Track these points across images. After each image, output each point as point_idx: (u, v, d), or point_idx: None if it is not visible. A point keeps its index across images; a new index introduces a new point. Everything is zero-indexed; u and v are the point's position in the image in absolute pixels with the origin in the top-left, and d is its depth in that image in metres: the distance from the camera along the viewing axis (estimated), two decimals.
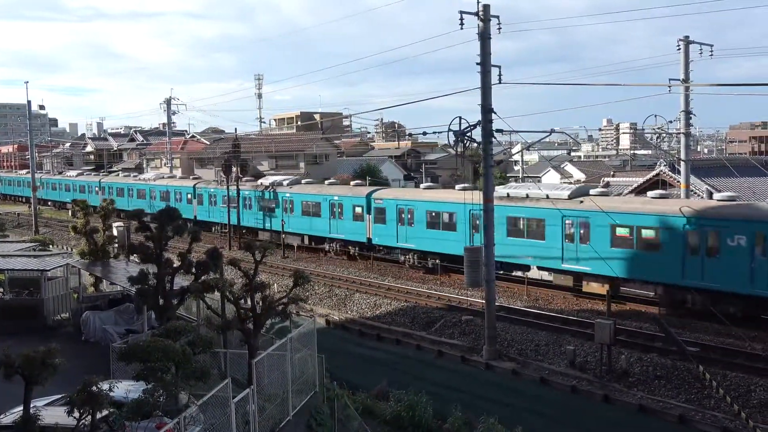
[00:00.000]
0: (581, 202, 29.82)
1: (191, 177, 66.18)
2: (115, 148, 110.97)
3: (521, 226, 31.90)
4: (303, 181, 49.91)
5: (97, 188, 74.57)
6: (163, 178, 66.87)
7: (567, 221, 29.87)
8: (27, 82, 68.52)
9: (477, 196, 26.27)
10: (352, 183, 47.66)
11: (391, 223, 39.03)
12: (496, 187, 29.70)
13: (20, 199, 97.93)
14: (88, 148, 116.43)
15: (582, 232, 29.32)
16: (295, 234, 46.92)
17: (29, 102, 65.76)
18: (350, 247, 42.93)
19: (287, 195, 47.50)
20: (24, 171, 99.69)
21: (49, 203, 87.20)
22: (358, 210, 41.50)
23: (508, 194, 32.99)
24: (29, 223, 64.19)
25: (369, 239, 40.96)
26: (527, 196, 32.27)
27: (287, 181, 49.41)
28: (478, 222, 29.01)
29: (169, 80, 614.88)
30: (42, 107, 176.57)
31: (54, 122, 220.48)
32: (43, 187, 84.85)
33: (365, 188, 44.09)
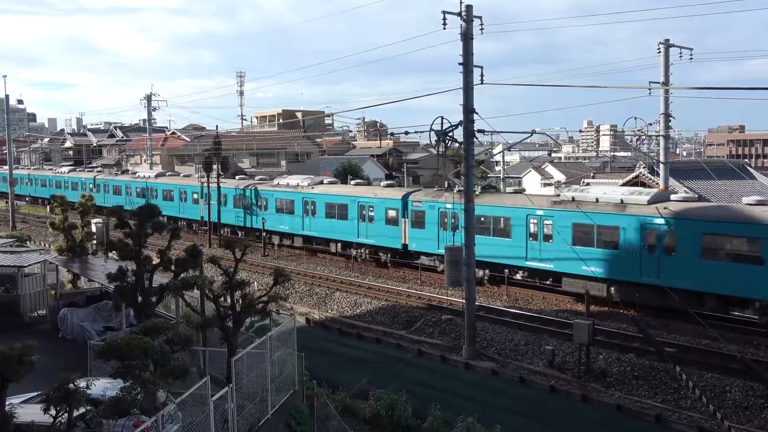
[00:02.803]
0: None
1: (370, 181, 46.57)
2: (95, 144, 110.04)
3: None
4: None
5: (195, 195, 53.09)
6: (321, 184, 44.41)
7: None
8: (5, 76, 67.47)
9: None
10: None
11: None
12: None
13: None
14: (67, 144, 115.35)
15: None
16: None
17: (7, 96, 65.04)
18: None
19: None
20: (66, 169, 79.93)
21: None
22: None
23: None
24: (6, 218, 63.44)
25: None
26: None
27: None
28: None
29: (149, 76, 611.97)
30: (20, 101, 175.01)
31: (32, 117, 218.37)
32: (97, 189, 65.13)
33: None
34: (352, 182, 45.93)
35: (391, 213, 37.37)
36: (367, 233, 38.97)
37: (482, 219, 32.03)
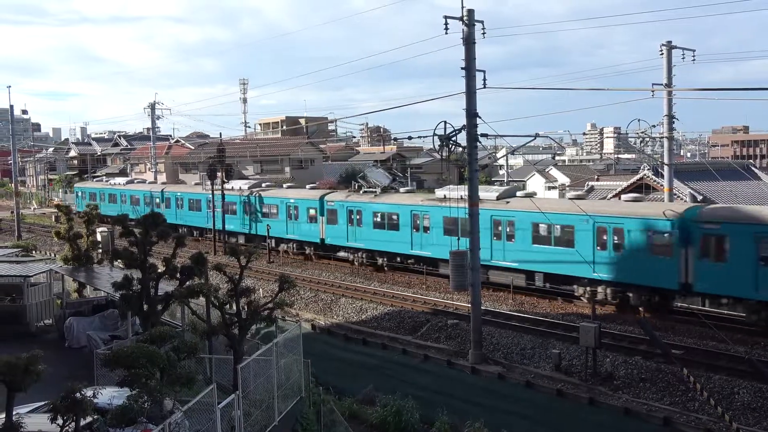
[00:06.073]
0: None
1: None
2: (99, 153, 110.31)
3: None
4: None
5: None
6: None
7: None
8: (10, 86, 67.55)
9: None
10: None
11: None
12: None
13: (197, 234, 55.38)
14: (72, 153, 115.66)
15: None
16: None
17: (12, 107, 65.18)
18: None
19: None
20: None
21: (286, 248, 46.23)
22: None
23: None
24: (12, 228, 63.63)
25: None
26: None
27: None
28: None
29: (152, 84, 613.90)
30: (25, 112, 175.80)
31: (37, 127, 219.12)
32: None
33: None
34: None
35: None
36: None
37: None
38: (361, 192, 43.02)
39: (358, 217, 40.33)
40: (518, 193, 34.24)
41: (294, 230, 45.70)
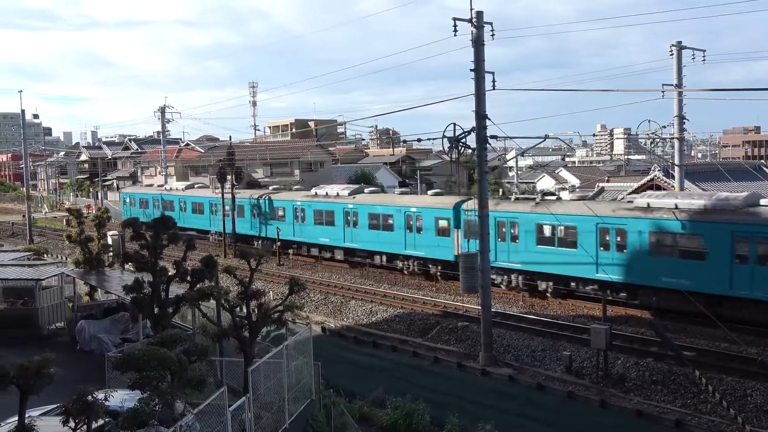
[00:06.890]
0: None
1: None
2: (110, 157, 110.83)
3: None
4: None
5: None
6: None
7: None
8: (21, 91, 67.62)
9: None
10: None
11: None
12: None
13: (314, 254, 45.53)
14: (83, 157, 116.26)
15: None
16: None
17: (23, 111, 65.45)
18: None
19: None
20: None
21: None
22: None
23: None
24: (23, 232, 63.98)
25: None
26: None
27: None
28: None
29: (161, 88, 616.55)
30: (36, 116, 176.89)
31: (48, 131, 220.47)
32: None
33: None
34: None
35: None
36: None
37: None
38: (513, 198, 35.40)
39: (512, 230, 32.61)
40: (762, 201, 26.00)
41: (416, 245, 37.63)
